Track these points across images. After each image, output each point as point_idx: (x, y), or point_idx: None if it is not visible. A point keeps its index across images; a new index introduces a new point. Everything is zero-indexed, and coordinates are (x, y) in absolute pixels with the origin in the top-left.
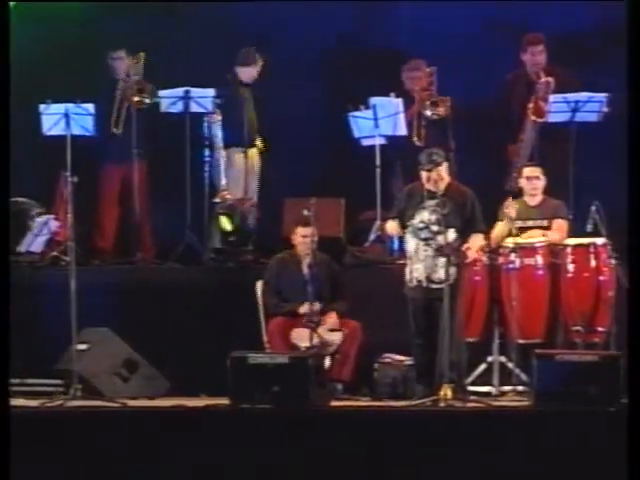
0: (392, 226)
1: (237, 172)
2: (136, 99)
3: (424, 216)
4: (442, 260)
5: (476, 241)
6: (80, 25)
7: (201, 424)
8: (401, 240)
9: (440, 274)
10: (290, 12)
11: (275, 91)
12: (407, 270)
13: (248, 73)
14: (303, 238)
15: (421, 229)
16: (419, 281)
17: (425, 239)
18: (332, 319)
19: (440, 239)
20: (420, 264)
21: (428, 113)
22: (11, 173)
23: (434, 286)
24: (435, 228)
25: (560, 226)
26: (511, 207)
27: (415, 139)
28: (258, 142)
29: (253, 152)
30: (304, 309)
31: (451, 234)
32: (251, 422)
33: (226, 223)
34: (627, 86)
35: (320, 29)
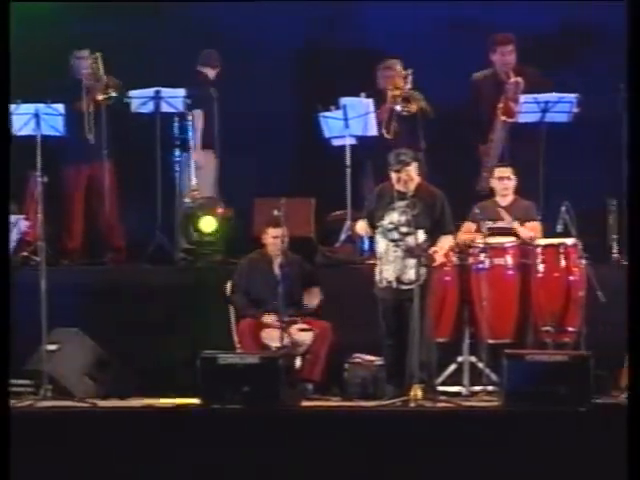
0: (362, 226)
1: (207, 172)
2: (101, 97)
3: (394, 217)
4: (412, 261)
5: (445, 243)
6: (50, 25)
7: (172, 424)
8: (371, 240)
9: (410, 275)
10: (262, 12)
11: (246, 91)
12: (377, 271)
13: (209, 74)
14: (274, 238)
15: (390, 230)
16: (389, 282)
17: (394, 240)
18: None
19: (409, 240)
20: (390, 265)
21: (398, 108)
22: None
23: (404, 287)
24: (404, 229)
25: (532, 227)
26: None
27: (385, 132)
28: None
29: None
30: (270, 319)
31: (421, 235)
32: (221, 422)
33: (208, 225)
34: (627, 86)
35: (291, 29)
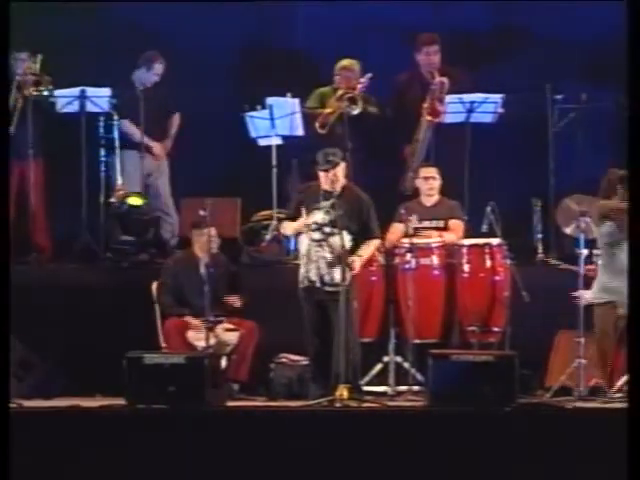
0: (287, 226)
1: (133, 172)
2: (32, 91)
3: (318, 217)
4: (335, 261)
5: (367, 250)
6: None
7: (96, 424)
8: (297, 240)
9: (334, 275)
10: (195, 13)
11: (178, 91)
12: (300, 271)
13: (148, 76)
14: (199, 238)
15: (314, 230)
16: (312, 282)
17: (317, 240)
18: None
19: (333, 240)
20: (313, 265)
21: (343, 105)
22: None
23: (328, 287)
24: (328, 229)
25: (456, 226)
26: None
27: (319, 128)
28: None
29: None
30: (196, 319)
31: (345, 236)
32: (147, 422)
33: (136, 200)
34: (627, 86)
35: (224, 30)
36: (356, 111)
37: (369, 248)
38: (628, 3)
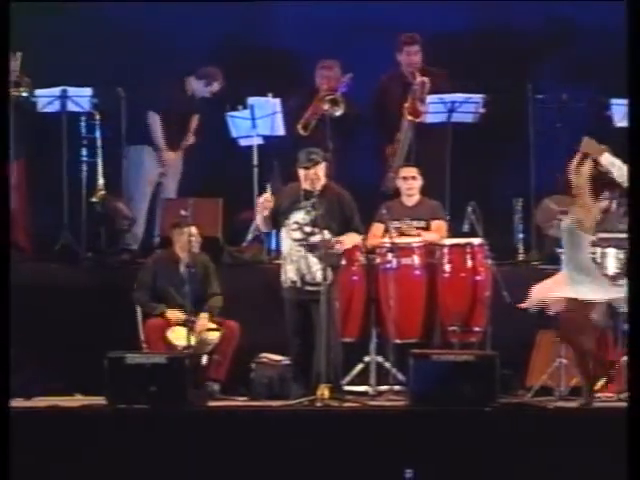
0: (259, 220)
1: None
2: (13, 92)
3: (299, 216)
4: (317, 261)
5: (350, 239)
6: None
7: (77, 424)
8: (278, 240)
9: (315, 275)
10: (178, 13)
11: (161, 90)
12: (282, 270)
13: (203, 91)
14: (180, 237)
15: (295, 229)
16: (293, 282)
17: (299, 239)
18: (206, 320)
19: (314, 240)
20: (294, 265)
21: (325, 107)
22: None
23: (309, 287)
24: (309, 229)
25: (438, 226)
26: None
27: (301, 130)
28: None
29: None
30: (173, 315)
31: (326, 235)
32: (128, 422)
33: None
34: (627, 86)
35: (206, 29)
36: (338, 112)
37: (352, 238)
38: (628, 3)
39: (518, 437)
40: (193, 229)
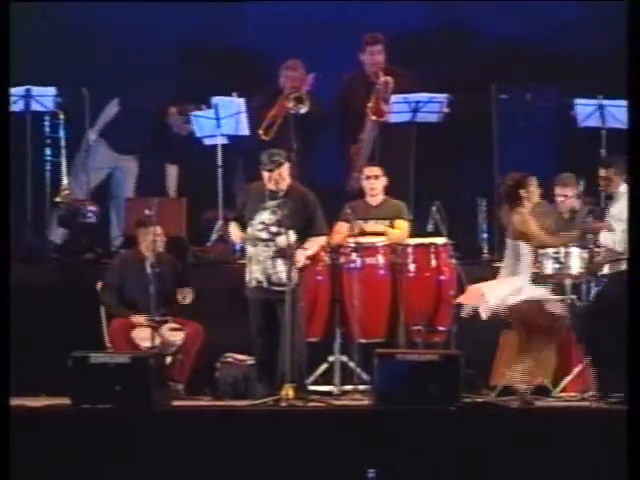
0: (235, 233)
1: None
2: None
3: (264, 217)
4: (282, 261)
5: (313, 244)
6: None
7: (41, 424)
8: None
9: (281, 275)
10: (143, 12)
11: (127, 91)
12: (247, 270)
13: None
14: (145, 237)
15: (260, 230)
16: (259, 282)
17: (264, 240)
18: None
19: (279, 240)
20: (259, 265)
21: (290, 105)
22: None
23: (275, 287)
24: (274, 229)
25: (402, 226)
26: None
27: (262, 132)
28: None
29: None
30: (142, 319)
31: (291, 235)
32: (92, 422)
33: None
34: (627, 86)
35: (171, 28)
36: (303, 110)
37: (315, 243)
38: (628, 3)
39: (482, 436)
40: (158, 229)
